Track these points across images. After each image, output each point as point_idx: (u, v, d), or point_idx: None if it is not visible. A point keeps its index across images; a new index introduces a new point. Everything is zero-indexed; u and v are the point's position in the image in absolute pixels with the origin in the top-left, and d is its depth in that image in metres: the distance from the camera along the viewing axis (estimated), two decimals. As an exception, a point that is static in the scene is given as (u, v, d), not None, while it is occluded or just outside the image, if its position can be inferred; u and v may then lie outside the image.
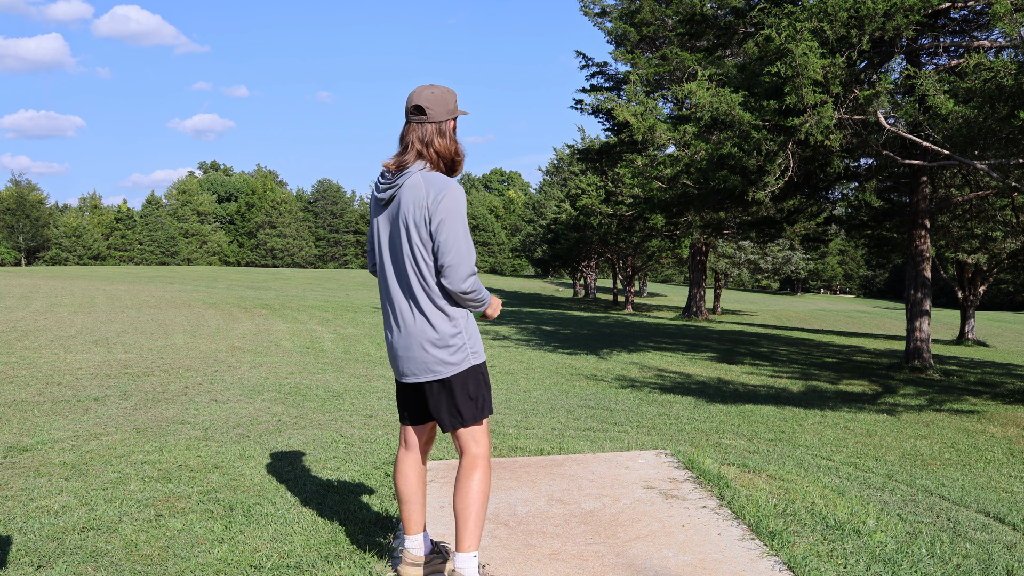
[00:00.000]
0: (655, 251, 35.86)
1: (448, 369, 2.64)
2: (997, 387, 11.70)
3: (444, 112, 2.66)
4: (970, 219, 17.73)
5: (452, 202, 2.56)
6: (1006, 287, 59.68)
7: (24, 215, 76.68)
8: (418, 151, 2.64)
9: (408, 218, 2.59)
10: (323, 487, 3.99)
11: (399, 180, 2.62)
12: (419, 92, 2.65)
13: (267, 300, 21.69)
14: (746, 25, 13.14)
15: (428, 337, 2.63)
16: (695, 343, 17.13)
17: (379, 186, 2.71)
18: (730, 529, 3.38)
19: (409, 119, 2.68)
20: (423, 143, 2.65)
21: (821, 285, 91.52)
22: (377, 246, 2.74)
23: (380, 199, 2.71)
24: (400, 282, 2.66)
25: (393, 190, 2.64)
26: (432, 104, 2.64)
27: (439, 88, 2.68)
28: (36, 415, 5.64)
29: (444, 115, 2.66)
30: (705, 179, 12.06)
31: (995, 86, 8.36)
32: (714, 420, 7.13)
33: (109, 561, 2.96)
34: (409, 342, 2.65)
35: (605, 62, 32.04)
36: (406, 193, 2.60)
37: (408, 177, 2.61)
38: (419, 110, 2.64)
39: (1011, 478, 5.56)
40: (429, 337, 2.63)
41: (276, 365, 9.20)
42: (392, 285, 2.67)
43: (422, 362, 2.65)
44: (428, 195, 2.56)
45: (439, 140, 2.65)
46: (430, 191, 2.57)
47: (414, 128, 2.66)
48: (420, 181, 2.60)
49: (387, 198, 2.66)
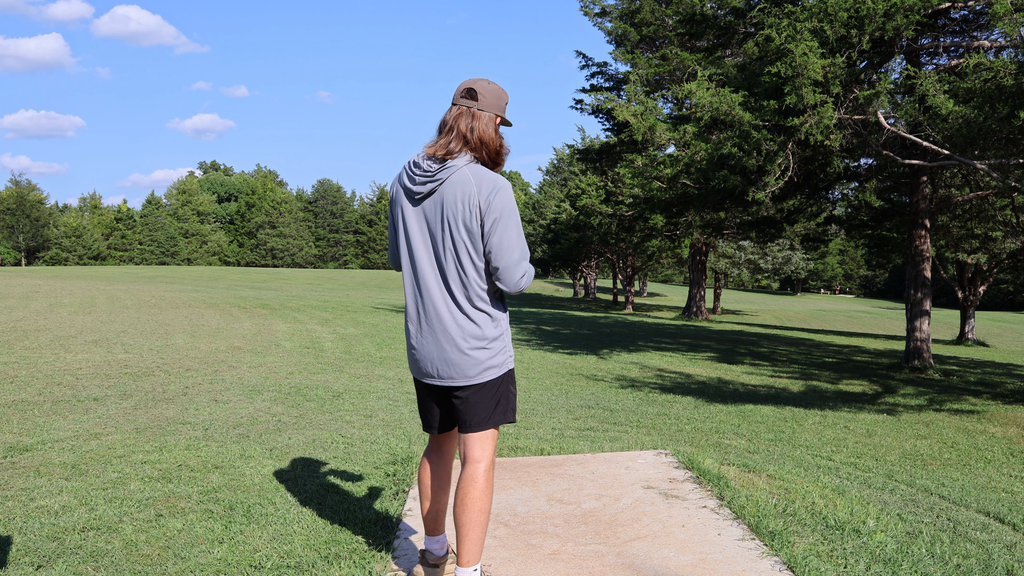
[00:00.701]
0: (655, 251, 35.87)
1: (488, 373, 2.51)
2: (997, 387, 11.70)
3: (495, 105, 2.51)
4: (970, 219, 17.74)
5: (506, 200, 2.39)
6: (1006, 287, 59.67)
7: (24, 215, 76.68)
8: (464, 137, 2.45)
9: (455, 216, 2.39)
10: (323, 487, 3.99)
11: (443, 174, 2.42)
12: (474, 80, 2.52)
13: (267, 300, 21.69)
14: (746, 25, 13.14)
15: (469, 339, 2.47)
16: (695, 343, 17.13)
17: (414, 177, 2.48)
18: (730, 529, 3.38)
19: (457, 102, 2.49)
20: (469, 129, 2.46)
21: (821, 285, 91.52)
22: (405, 241, 2.53)
23: (415, 192, 2.48)
24: (439, 281, 2.47)
25: (435, 184, 2.43)
26: (486, 93, 2.49)
27: (496, 84, 2.54)
28: (36, 415, 5.63)
29: (495, 108, 2.50)
30: (705, 179, 12.06)
31: (995, 86, 8.36)
32: (714, 420, 7.13)
33: (109, 561, 2.96)
34: (445, 344, 2.47)
35: (605, 62, 32.04)
36: (453, 190, 2.40)
37: (454, 172, 2.42)
38: (471, 94, 2.47)
39: (1011, 478, 5.56)
40: (469, 340, 2.47)
41: (276, 365, 9.20)
42: (427, 283, 2.48)
43: (459, 365, 2.48)
44: (480, 192, 2.38)
45: (486, 131, 2.47)
46: (482, 188, 2.39)
47: (462, 113, 2.47)
48: (469, 176, 2.41)
49: (426, 192, 2.45)
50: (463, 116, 2.46)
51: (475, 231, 2.39)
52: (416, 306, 2.54)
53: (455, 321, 2.47)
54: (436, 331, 2.49)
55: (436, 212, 2.43)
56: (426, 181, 2.44)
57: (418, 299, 2.52)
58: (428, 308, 2.50)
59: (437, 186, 2.42)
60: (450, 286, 2.46)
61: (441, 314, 2.48)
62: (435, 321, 2.49)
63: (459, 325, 2.47)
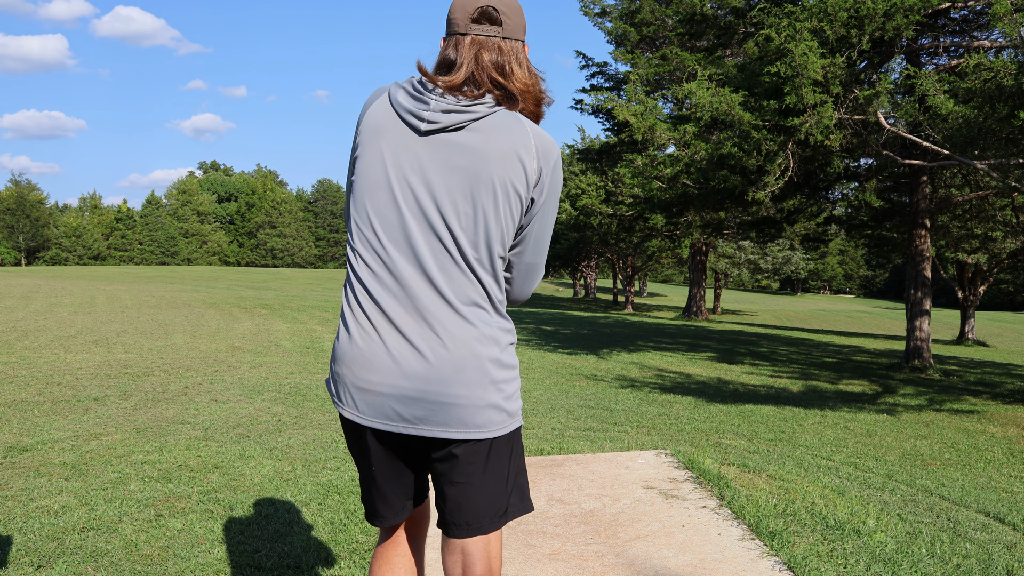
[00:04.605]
0: (655, 251, 35.86)
1: (504, 423, 1.59)
2: (997, 387, 11.70)
3: (521, 27, 1.63)
4: (970, 219, 17.74)
5: (560, 173, 1.63)
6: (1006, 287, 59.65)
7: (24, 215, 76.68)
8: (492, 80, 1.57)
9: (502, 177, 1.53)
10: (323, 487, 3.99)
11: (476, 108, 1.54)
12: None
13: (267, 300, 21.69)
14: (746, 25, 13.14)
15: (489, 366, 1.56)
16: (695, 343, 17.13)
17: (425, 98, 1.56)
18: (730, 529, 3.38)
19: (469, 31, 1.58)
20: (499, 70, 1.58)
21: (821, 285, 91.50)
22: (391, 197, 1.56)
23: (428, 122, 1.54)
24: (451, 268, 1.56)
25: (465, 116, 1.53)
26: (510, 11, 1.61)
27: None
28: (36, 415, 5.63)
29: (521, 32, 1.63)
30: (705, 179, 12.06)
31: (995, 86, 8.36)
32: (714, 420, 7.13)
33: (109, 561, 2.96)
34: (447, 370, 1.53)
35: (605, 62, 32.02)
36: (499, 137, 1.54)
37: (499, 114, 1.56)
38: (491, 16, 1.58)
39: (1011, 478, 5.56)
40: (490, 366, 1.56)
41: (276, 365, 9.19)
42: (425, 269, 1.56)
43: (467, 406, 1.55)
44: (539, 153, 1.57)
45: (519, 70, 1.59)
46: (540, 146, 1.58)
47: (482, 47, 1.57)
48: (524, 125, 1.57)
49: (445, 125, 1.54)
50: (484, 51, 1.57)
51: (517, 204, 1.57)
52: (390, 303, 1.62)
53: (469, 336, 1.61)
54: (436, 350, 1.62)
55: (469, 164, 1.53)
56: (452, 110, 1.54)
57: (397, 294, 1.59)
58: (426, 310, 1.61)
59: (475, 121, 1.54)
60: (468, 282, 1.60)
61: (446, 323, 1.61)
62: (437, 332, 1.62)
63: (476, 343, 1.61)
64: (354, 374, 1.58)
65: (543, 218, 1.64)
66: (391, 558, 1.75)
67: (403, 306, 1.56)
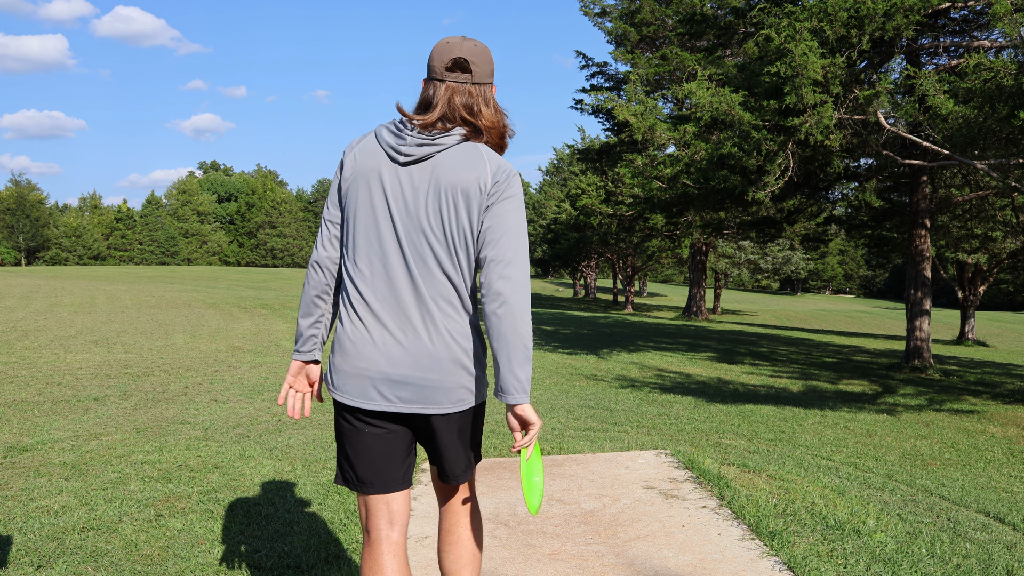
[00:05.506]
0: (655, 251, 35.87)
1: (480, 393, 1.98)
2: (997, 387, 11.70)
3: (488, 73, 1.96)
4: (970, 219, 17.74)
5: (518, 184, 1.94)
6: (1006, 287, 59.66)
7: (24, 215, 76.68)
8: (463, 119, 1.93)
9: (464, 187, 1.88)
10: (323, 487, 3.99)
11: (443, 140, 1.91)
12: (459, 43, 1.94)
13: (267, 300, 21.69)
14: (746, 25, 13.14)
15: (465, 349, 1.92)
16: (695, 343, 17.13)
17: (403, 135, 1.92)
18: (730, 529, 3.38)
19: (444, 77, 1.92)
20: (468, 111, 1.93)
21: (821, 285, 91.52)
22: (372, 215, 1.92)
23: (405, 155, 1.91)
24: (429, 271, 1.90)
25: (434, 149, 1.89)
26: (478, 59, 1.93)
27: (480, 43, 1.98)
28: (36, 415, 5.63)
29: (488, 76, 1.96)
30: (705, 179, 12.06)
31: (995, 86, 8.36)
32: (714, 420, 7.13)
33: (109, 561, 2.96)
34: (428, 354, 1.89)
35: (605, 62, 32.00)
36: (455, 159, 1.89)
37: (464, 144, 1.92)
38: (462, 65, 1.91)
39: (1011, 478, 5.56)
40: (465, 349, 1.92)
41: (276, 365, 9.19)
42: (411, 272, 1.90)
43: (450, 385, 1.90)
44: (489, 168, 1.90)
45: (486, 110, 1.95)
46: (490, 163, 1.91)
47: (454, 92, 1.92)
48: (481, 151, 1.92)
49: (419, 156, 1.90)
50: (456, 95, 1.93)
51: (476, 213, 1.91)
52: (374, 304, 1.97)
53: (447, 326, 1.97)
54: (420, 337, 1.97)
55: (433, 184, 1.90)
56: (423, 144, 1.91)
57: (383, 295, 1.95)
58: (409, 307, 1.96)
59: (438, 152, 1.91)
60: (441, 282, 1.95)
61: (432, 314, 1.95)
62: (421, 323, 1.96)
63: (453, 332, 1.97)
64: (347, 362, 1.93)
65: (502, 214, 1.90)
66: (379, 558, 1.98)
67: (387, 305, 1.92)
